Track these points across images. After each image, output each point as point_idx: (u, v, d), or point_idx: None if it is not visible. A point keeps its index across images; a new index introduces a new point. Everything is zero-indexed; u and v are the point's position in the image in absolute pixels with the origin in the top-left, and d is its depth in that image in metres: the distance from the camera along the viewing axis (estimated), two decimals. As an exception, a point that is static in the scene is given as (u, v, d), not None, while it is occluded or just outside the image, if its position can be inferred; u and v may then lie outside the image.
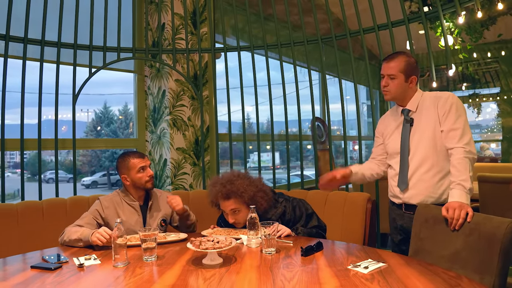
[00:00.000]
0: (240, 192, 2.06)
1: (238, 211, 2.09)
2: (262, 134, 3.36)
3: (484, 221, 1.54)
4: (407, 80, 1.94)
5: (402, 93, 1.96)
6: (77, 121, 2.94)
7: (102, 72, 3.12)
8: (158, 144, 3.48)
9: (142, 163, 2.17)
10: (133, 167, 2.17)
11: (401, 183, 1.95)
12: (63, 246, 1.95)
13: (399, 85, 1.94)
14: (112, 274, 1.50)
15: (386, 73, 1.96)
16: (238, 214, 2.10)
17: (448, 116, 1.84)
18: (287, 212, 2.15)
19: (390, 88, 1.96)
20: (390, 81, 1.95)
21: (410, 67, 1.94)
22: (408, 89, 1.96)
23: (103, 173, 8.63)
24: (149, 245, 1.66)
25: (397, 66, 1.93)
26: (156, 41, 3.44)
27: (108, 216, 2.13)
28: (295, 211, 2.16)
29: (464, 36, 5.43)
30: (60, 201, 2.55)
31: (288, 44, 3.26)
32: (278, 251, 1.75)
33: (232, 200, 2.07)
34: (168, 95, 3.40)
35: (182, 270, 1.52)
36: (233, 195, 2.07)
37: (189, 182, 3.50)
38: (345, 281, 1.35)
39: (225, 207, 2.11)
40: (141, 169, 2.17)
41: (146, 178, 2.17)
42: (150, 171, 2.19)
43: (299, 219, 2.16)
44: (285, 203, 2.19)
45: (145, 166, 2.18)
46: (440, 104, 1.87)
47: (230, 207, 2.09)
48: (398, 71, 1.92)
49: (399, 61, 1.93)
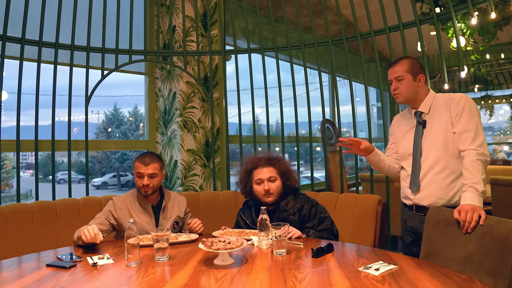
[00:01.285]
0: (280, 162, 2.30)
1: (274, 179, 2.23)
2: (272, 136, 3.37)
3: (497, 224, 1.52)
4: (415, 79, 1.94)
5: (413, 94, 1.96)
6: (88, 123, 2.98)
7: (113, 74, 3.16)
8: (168, 146, 3.51)
9: (141, 169, 2.14)
10: (135, 168, 2.19)
11: (412, 185, 1.94)
12: (76, 247, 1.98)
13: (408, 85, 1.94)
14: (125, 274, 1.52)
15: (393, 77, 1.98)
16: (274, 182, 2.23)
17: (460, 118, 1.83)
18: (305, 208, 2.23)
19: (401, 90, 1.96)
20: (399, 83, 1.96)
21: (415, 66, 1.95)
22: (418, 89, 1.96)
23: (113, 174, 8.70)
24: (161, 245, 1.68)
25: (402, 68, 1.95)
26: (167, 43, 3.47)
27: (120, 216, 2.15)
28: (311, 209, 2.23)
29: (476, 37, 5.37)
30: (73, 201, 2.59)
31: (298, 46, 3.26)
32: (288, 252, 1.75)
33: (272, 168, 2.26)
34: (179, 97, 3.43)
35: (194, 270, 1.53)
36: (273, 163, 2.28)
37: (199, 183, 3.52)
38: (356, 282, 1.35)
39: (263, 174, 2.24)
40: (138, 174, 2.16)
41: (139, 184, 2.16)
42: (145, 181, 2.13)
43: (313, 218, 2.21)
44: (304, 199, 2.29)
45: (142, 174, 2.14)
46: (453, 106, 1.86)
47: (269, 174, 2.23)
48: (404, 72, 1.94)
49: (403, 64, 1.96)
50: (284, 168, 2.29)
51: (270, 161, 2.28)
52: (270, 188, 2.21)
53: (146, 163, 2.16)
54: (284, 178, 2.27)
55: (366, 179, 4.06)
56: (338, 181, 4.43)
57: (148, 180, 2.14)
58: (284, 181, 2.27)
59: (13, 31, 2.67)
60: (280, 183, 2.25)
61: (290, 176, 2.29)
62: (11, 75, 2.72)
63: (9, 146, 2.71)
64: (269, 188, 2.21)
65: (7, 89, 3.00)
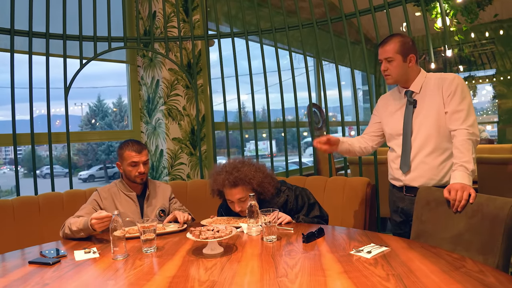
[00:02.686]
0: (248, 179, 2.01)
1: (245, 199, 2.01)
2: (258, 122, 3.33)
3: (487, 202, 1.52)
4: (405, 59, 1.91)
5: (404, 75, 1.93)
6: (70, 115, 2.88)
7: (95, 64, 3.06)
8: (153, 135, 3.43)
9: (135, 158, 2.12)
10: (126, 159, 2.14)
11: (403, 165, 1.93)
12: (63, 240, 1.92)
13: (398, 66, 1.90)
14: (111, 267, 1.47)
15: (383, 57, 1.93)
16: (245, 202, 2.00)
17: (453, 98, 1.81)
18: (289, 201, 2.12)
19: (391, 71, 1.92)
20: (389, 64, 1.92)
21: (406, 46, 1.90)
22: (408, 69, 1.92)
23: (100, 166, 8.59)
24: (148, 237, 1.63)
25: (392, 48, 1.90)
26: (147, 30, 3.37)
27: (106, 207, 2.12)
28: (297, 200, 2.13)
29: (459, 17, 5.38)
30: (56, 195, 2.52)
31: (282, 28, 3.20)
32: (279, 238, 1.73)
33: (240, 188, 2.01)
34: (162, 84, 3.34)
35: (182, 260, 1.50)
36: (241, 183, 2.00)
37: (186, 172, 3.47)
38: (348, 266, 1.33)
39: (232, 196, 2.03)
40: (133, 163, 2.12)
41: (135, 173, 2.13)
42: (141, 168, 2.12)
43: (301, 209, 2.13)
44: (287, 192, 2.14)
45: (138, 162, 2.12)
46: (445, 86, 1.84)
47: (238, 196, 2.01)
48: (394, 53, 1.89)
49: (394, 43, 1.91)
50: (254, 185, 2.02)
51: (237, 182, 2.00)
52: (242, 208, 2.02)
53: (139, 150, 2.14)
54: (257, 192, 2.04)
55: (354, 162, 4.06)
56: (326, 165, 4.43)
57: (144, 167, 2.13)
58: (258, 195, 2.05)
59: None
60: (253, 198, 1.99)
61: (264, 189, 2.05)
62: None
63: (-14, 141, 2.61)
64: (240, 209, 2.03)
65: (-18, 83, 2.89)
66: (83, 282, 1.33)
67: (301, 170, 3.25)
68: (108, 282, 1.33)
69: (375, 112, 2.19)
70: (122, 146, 2.17)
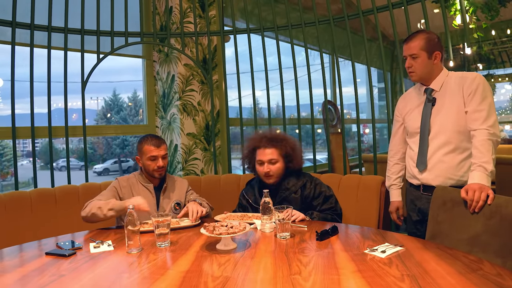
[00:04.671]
0: (285, 142, 2.18)
1: (275, 162, 2.15)
2: (273, 119, 3.31)
3: (506, 204, 1.49)
4: (430, 57, 1.87)
5: (428, 72, 1.89)
6: (87, 109, 2.93)
7: (111, 59, 3.09)
8: (168, 130, 3.46)
9: (154, 152, 2.15)
10: (145, 153, 2.17)
11: (420, 164, 1.90)
12: (76, 233, 1.95)
13: (423, 63, 1.87)
14: (126, 261, 1.49)
15: (408, 53, 1.90)
16: (274, 165, 2.15)
17: (474, 97, 1.77)
18: (308, 187, 2.18)
19: (415, 68, 1.89)
20: (413, 61, 1.88)
21: (432, 43, 1.86)
22: (433, 67, 1.89)
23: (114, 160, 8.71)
24: (162, 231, 1.65)
25: (417, 45, 1.86)
26: (164, 25, 3.38)
27: (124, 196, 2.16)
28: (315, 188, 2.19)
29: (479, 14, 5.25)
30: (72, 188, 2.56)
31: (299, 25, 3.17)
32: (292, 235, 1.73)
33: (274, 149, 2.15)
34: (178, 80, 3.36)
35: (196, 255, 1.51)
36: (276, 143, 2.16)
37: (200, 167, 3.49)
38: (362, 265, 1.32)
39: (264, 155, 2.15)
40: (152, 157, 2.15)
41: (154, 167, 2.16)
42: (160, 162, 2.15)
43: (317, 196, 2.17)
44: (308, 177, 2.23)
45: (157, 157, 2.15)
46: (466, 85, 1.80)
47: (270, 156, 2.14)
48: (419, 49, 1.85)
49: (419, 39, 1.86)
50: (287, 149, 2.17)
51: (273, 142, 2.17)
52: (270, 170, 2.14)
53: (158, 145, 2.17)
54: (287, 159, 2.18)
55: (369, 160, 4.02)
56: (340, 163, 4.39)
57: (163, 161, 2.17)
58: (286, 163, 2.19)
59: (3, 14, 2.59)
60: (282, 165, 2.18)
61: (294, 158, 2.19)
62: (5, 62, 2.65)
63: (6, 134, 2.66)
64: (269, 170, 2.14)
65: (3, 77, 2.94)
66: (98, 274, 1.35)
67: (315, 167, 3.23)
68: (122, 275, 1.35)
69: (397, 115, 2.14)
70: (141, 140, 2.21)
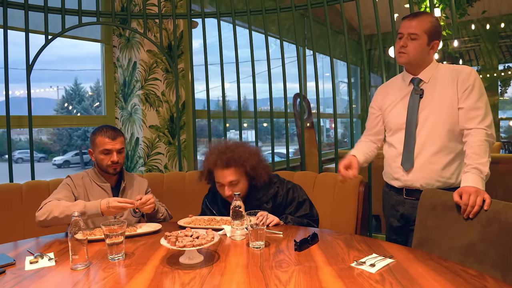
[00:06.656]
0: (242, 161, 1.87)
1: (237, 183, 1.87)
2: (242, 111, 3.09)
3: (505, 210, 1.34)
4: (429, 43, 1.69)
5: (420, 59, 1.72)
6: (45, 99, 2.66)
7: (72, 47, 2.75)
8: (129, 122, 3.15)
9: (109, 145, 1.88)
10: (98, 145, 1.90)
11: (405, 162, 1.73)
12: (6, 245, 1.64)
13: (419, 47, 1.68)
14: (69, 280, 1.23)
15: (407, 31, 1.68)
16: (236, 186, 1.87)
17: (470, 94, 1.62)
18: (280, 194, 1.95)
19: (409, 50, 1.70)
20: (410, 42, 1.69)
21: (436, 29, 1.68)
22: (427, 56, 1.71)
23: (76, 152, 8.27)
24: (115, 240, 1.39)
25: (420, 25, 1.67)
26: (124, 5, 3.06)
27: (79, 196, 1.88)
28: (288, 194, 1.97)
29: (448, 12, 5.25)
30: (14, 186, 2.22)
31: (273, 10, 2.95)
32: (267, 244, 1.52)
33: (232, 169, 1.86)
34: (140, 67, 3.06)
35: (155, 272, 1.27)
36: (234, 164, 1.86)
37: (164, 162, 3.22)
38: (351, 283, 1.13)
39: (223, 177, 1.86)
40: (106, 151, 1.88)
41: (107, 162, 1.89)
42: (115, 157, 1.89)
43: (290, 203, 1.96)
44: (279, 184, 1.99)
45: (111, 150, 1.88)
46: (461, 79, 1.64)
47: (230, 178, 1.85)
48: (422, 31, 1.67)
49: (424, 20, 1.67)
50: (247, 168, 1.88)
51: (230, 162, 1.86)
52: (231, 193, 1.84)
53: (113, 137, 1.90)
54: (249, 177, 1.91)
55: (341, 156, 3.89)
56: (310, 158, 4.25)
57: (118, 156, 1.90)
58: (249, 180, 1.92)
59: None
60: (245, 183, 1.91)
61: (257, 175, 1.90)
62: None
63: None
64: (231, 193, 1.84)
65: None
66: (30, 301, 1.08)
67: (288, 163, 3.05)
68: (62, 300, 1.09)
69: (373, 105, 1.96)
70: (95, 131, 1.94)
